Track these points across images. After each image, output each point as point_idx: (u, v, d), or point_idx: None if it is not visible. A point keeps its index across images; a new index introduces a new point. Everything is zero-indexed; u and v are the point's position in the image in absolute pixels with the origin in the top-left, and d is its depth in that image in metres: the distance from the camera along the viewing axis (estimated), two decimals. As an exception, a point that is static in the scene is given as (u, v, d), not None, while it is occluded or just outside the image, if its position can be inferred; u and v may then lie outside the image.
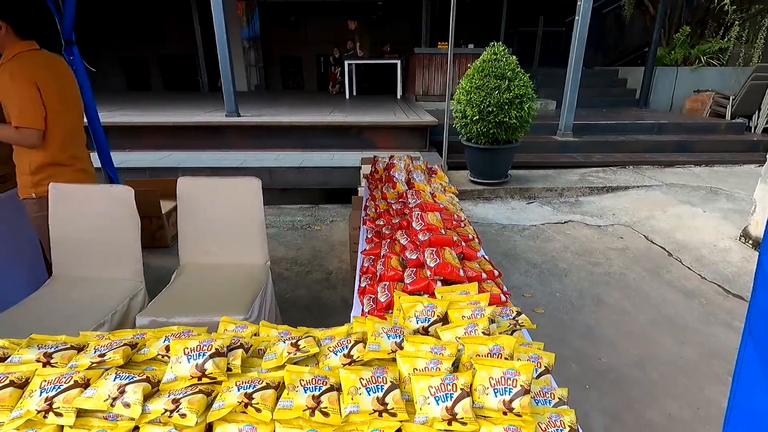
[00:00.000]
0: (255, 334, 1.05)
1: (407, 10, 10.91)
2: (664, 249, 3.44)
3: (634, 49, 9.88)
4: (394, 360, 0.92)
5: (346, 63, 8.65)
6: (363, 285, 1.32)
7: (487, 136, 4.38)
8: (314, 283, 3.00)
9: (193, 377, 0.83)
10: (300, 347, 0.93)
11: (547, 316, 2.59)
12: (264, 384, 0.83)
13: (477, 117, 4.26)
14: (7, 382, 0.79)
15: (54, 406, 0.76)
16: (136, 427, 0.77)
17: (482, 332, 0.95)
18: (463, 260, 1.30)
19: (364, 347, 0.92)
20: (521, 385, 0.80)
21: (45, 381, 0.79)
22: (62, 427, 0.76)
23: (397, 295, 1.11)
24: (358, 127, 5.40)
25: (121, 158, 4.67)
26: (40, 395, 0.77)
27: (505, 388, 0.80)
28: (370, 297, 1.24)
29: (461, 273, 1.18)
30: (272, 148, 5.28)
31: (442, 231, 1.38)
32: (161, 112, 6.20)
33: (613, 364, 2.17)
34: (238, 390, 0.81)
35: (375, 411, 0.78)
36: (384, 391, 0.80)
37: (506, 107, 4.19)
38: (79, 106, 2.15)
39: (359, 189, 3.55)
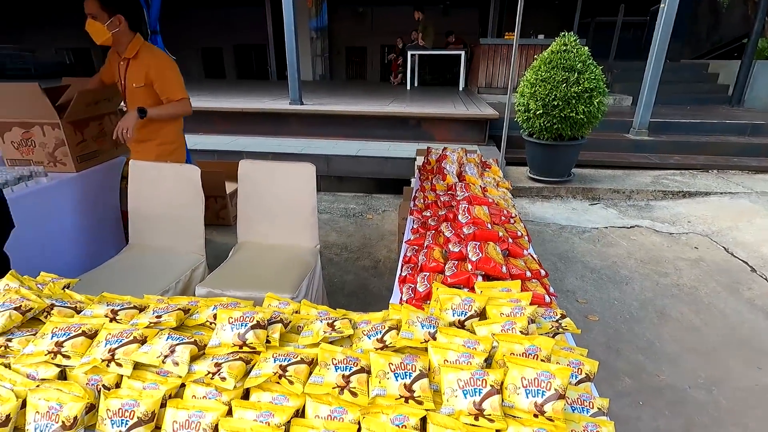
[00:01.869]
0: (296, 312, 1.10)
1: (475, -1, 10.60)
2: (747, 263, 3.09)
3: (730, 40, 8.85)
4: (425, 350, 0.92)
5: (409, 53, 8.60)
6: (404, 274, 1.33)
7: (550, 132, 4.17)
8: (362, 270, 3.06)
9: (234, 345, 0.88)
10: (336, 328, 0.96)
11: (601, 324, 2.44)
12: (299, 359, 0.86)
13: (541, 111, 4.07)
14: (80, 332, 0.90)
15: (116, 357, 0.84)
16: (183, 384, 0.84)
17: (520, 331, 0.92)
18: (508, 257, 1.26)
19: (398, 334, 0.93)
20: (555, 389, 0.77)
21: (110, 334, 0.89)
22: (121, 376, 0.85)
23: (436, 286, 1.10)
24: (416, 119, 5.37)
25: (193, 140, 5.03)
26: (105, 346, 0.86)
27: (537, 390, 0.77)
28: (410, 286, 1.25)
29: (504, 269, 1.14)
30: (331, 136, 5.41)
31: (489, 226, 1.34)
32: (232, 98, 6.58)
33: (674, 383, 2.01)
34: (275, 361, 0.85)
35: (401, 397, 0.79)
36: (412, 378, 0.81)
37: (573, 101, 3.95)
38: None
39: (412, 180, 3.55)
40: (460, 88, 8.56)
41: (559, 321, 1.05)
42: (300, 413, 0.81)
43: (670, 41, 4.92)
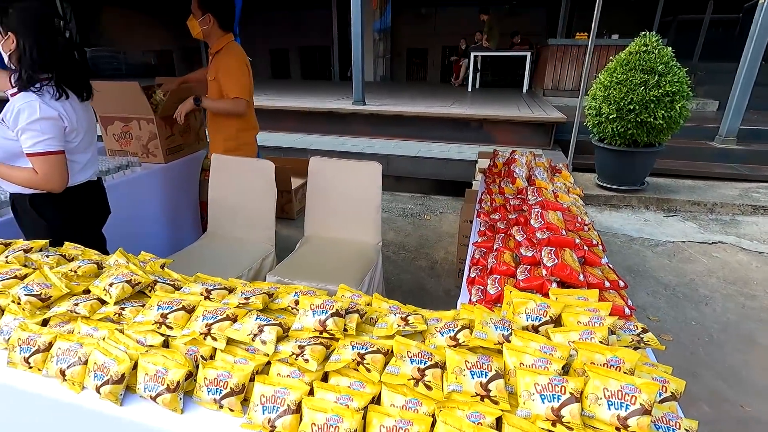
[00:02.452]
0: (368, 304, 1.14)
1: (545, -2, 10.23)
2: None
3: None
4: (498, 352, 0.92)
5: (472, 55, 8.49)
6: (472, 275, 1.33)
7: (623, 137, 3.93)
8: (419, 270, 3.08)
9: (315, 330, 0.94)
10: (409, 322, 0.98)
11: (676, 344, 2.28)
12: (375, 348, 0.90)
13: (614, 115, 3.85)
14: (180, 306, 0.99)
15: (211, 331, 0.93)
16: (268, 362, 0.91)
17: (599, 342, 0.89)
18: (584, 265, 1.21)
19: (471, 333, 0.94)
20: (641, 404, 0.74)
21: (206, 311, 0.97)
22: (215, 349, 0.93)
23: (508, 289, 1.09)
24: (478, 120, 5.30)
25: (261, 137, 5.31)
26: (202, 321, 0.95)
27: (621, 402, 0.75)
28: (479, 288, 1.25)
29: (581, 277, 1.11)
30: (392, 137, 5.48)
31: (563, 232, 1.31)
32: (297, 98, 6.86)
33: (761, 417, 1.83)
34: (353, 349, 0.89)
35: (477, 395, 0.79)
36: (488, 378, 0.81)
37: (652, 106, 3.70)
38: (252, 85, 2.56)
39: (474, 182, 3.52)
40: (524, 90, 8.31)
41: (641, 335, 1.00)
42: (376, 400, 0.84)
43: (769, 41, 4.46)
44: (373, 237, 2.24)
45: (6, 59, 1.48)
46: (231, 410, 0.86)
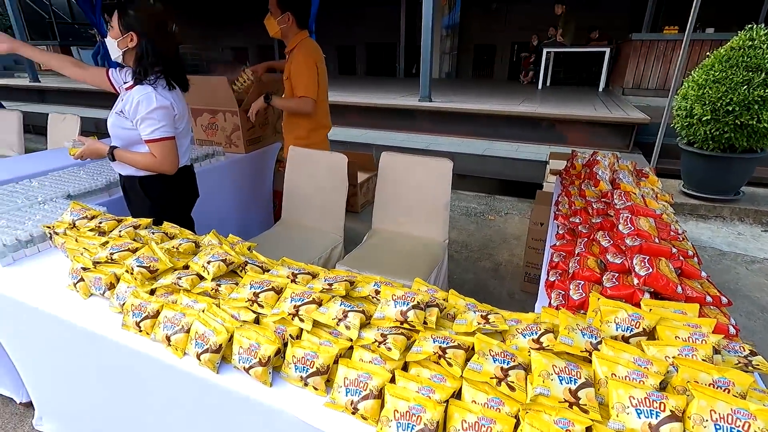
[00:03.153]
0: (444, 300, 1.14)
1: (627, -12, 9.51)
2: None
3: None
4: (585, 360, 0.88)
5: (544, 51, 8.12)
6: (552, 279, 1.28)
7: (718, 141, 3.57)
8: (482, 271, 3.02)
9: (396, 320, 0.96)
10: (489, 321, 0.97)
11: (774, 374, 2.04)
12: (456, 344, 0.90)
13: (708, 117, 3.51)
14: (270, 287, 1.06)
15: (299, 312, 0.98)
16: (350, 347, 0.94)
17: (702, 360, 0.83)
18: (681, 277, 1.13)
19: (555, 338, 0.91)
20: (756, 432, 0.67)
21: (294, 293, 1.03)
22: (301, 329, 0.98)
23: (595, 296, 1.04)
24: (550, 120, 5.07)
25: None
26: (291, 303, 1.00)
27: (731, 428, 0.69)
28: (560, 292, 1.20)
29: (678, 290, 1.03)
30: (457, 134, 5.40)
31: (656, 240, 1.22)
32: (363, 94, 6.98)
33: None
34: (434, 342, 0.90)
35: (566, 401, 0.77)
36: (578, 385, 0.78)
37: (756, 107, 3.32)
38: (326, 84, 2.59)
39: (544, 184, 3.37)
40: (601, 89, 7.81)
41: (748, 357, 0.91)
42: (456, 395, 0.84)
43: None
44: (440, 234, 2.23)
45: (118, 55, 1.64)
46: (315, 389, 0.91)
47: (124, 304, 1.12)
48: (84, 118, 3.60)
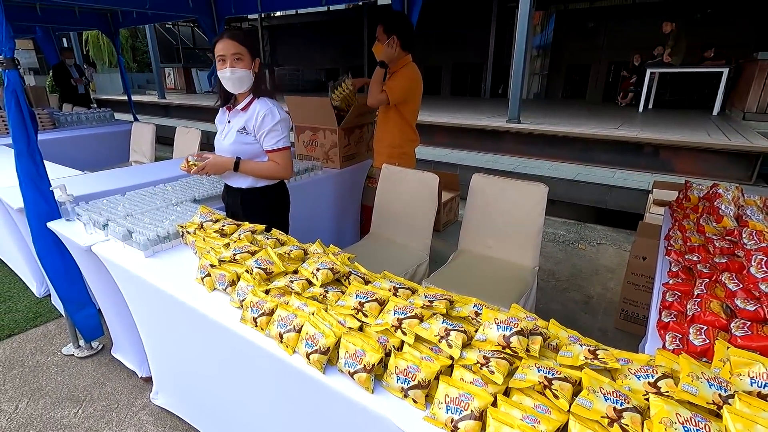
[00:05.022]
0: (545, 329, 1.11)
1: (753, 3, 8.51)
2: None
3: None
4: (712, 413, 0.80)
5: (648, 71, 7.53)
6: (665, 320, 1.18)
7: None
8: (570, 302, 2.85)
9: (499, 344, 0.96)
10: (598, 356, 0.93)
11: None
12: (562, 376, 0.88)
13: None
14: (374, 298, 1.12)
15: (402, 325, 1.02)
16: (450, 366, 0.96)
17: None
18: (833, 334, 0.98)
19: (675, 384, 0.84)
20: None
21: (397, 306, 1.08)
22: (402, 342, 1.02)
23: (723, 344, 0.95)
24: (654, 145, 4.67)
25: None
26: (394, 315, 1.05)
27: None
28: (676, 335, 1.11)
29: (832, 348, 0.90)
30: (546, 157, 5.20)
31: (799, 288, 1.08)
32: (449, 114, 7.03)
33: None
34: (539, 371, 0.88)
35: (692, 454, 0.71)
36: (706, 439, 0.72)
37: None
38: (420, 103, 2.71)
39: (647, 215, 3.12)
40: (715, 113, 7.02)
41: None
42: (562, 430, 0.82)
43: None
44: (530, 260, 2.16)
45: (251, 77, 1.82)
46: (415, 401, 0.94)
47: (243, 300, 1.26)
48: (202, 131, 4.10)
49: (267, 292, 1.28)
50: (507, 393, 0.91)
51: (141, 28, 13.89)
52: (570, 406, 0.83)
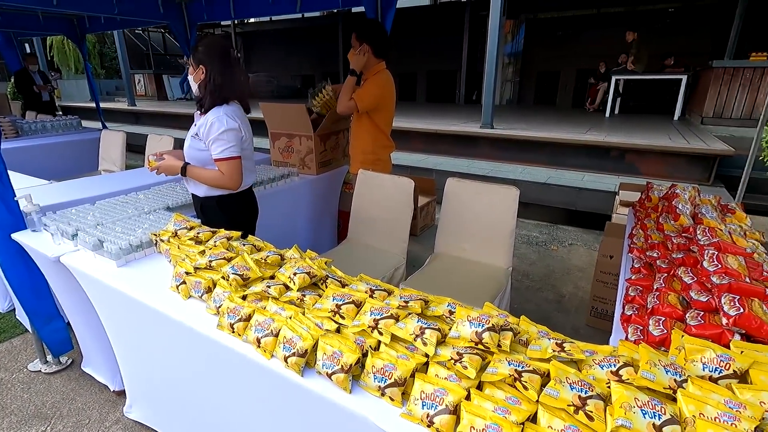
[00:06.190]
0: (516, 325, 1.15)
1: (708, 15, 9.02)
2: None
3: None
4: (668, 397, 0.86)
5: (613, 78, 7.85)
6: (629, 313, 1.25)
7: (817, 177, 3.25)
8: (544, 302, 2.94)
9: (472, 341, 0.99)
10: (565, 349, 0.98)
11: None
12: (531, 368, 0.92)
13: (805, 150, 3.21)
14: (351, 300, 1.14)
15: (378, 326, 1.05)
16: (426, 363, 0.99)
17: (805, 409, 0.78)
18: (776, 320, 1.06)
19: (635, 372, 0.90)
20: None
21: (373, 307, 1.10)
22: (379, 342, 1.04)
23: (678, 333, 1.01)
24: (620, 149, 4.88)
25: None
26: (371, 316, 1.08)
27: (839, 482, 0.65)
28: (637, 327, 1.17)
29: (774, 333, 0.98)
30: (519, 162, 5.34)
31: (746, 279, 1.16)
32: (424, 120, 7.13)
33: None
34: (509, 365, 0.92)
35: (649, 436, 0.76)
36: (662, 420, 0.77)
37: None
38: (393, 110, 2.73)
39: (614, 215, 3.25)
40: (675, 118, 7.38)
41: None
42: (531, 419, 0.86)
43: None
44: (504, 261, 2.22)
45: (195, 88, 1.85)
46: (392, 399, 0.96)
47: (220, 306, 1.26)
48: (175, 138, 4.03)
49: (244, 297, 1.28)
50: (480, 387, 0.95)
51: (109, 33, 13.54)
52: (539, 396, 0.87)
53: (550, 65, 12.06)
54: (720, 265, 1.20)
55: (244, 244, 1.54)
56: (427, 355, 0.99)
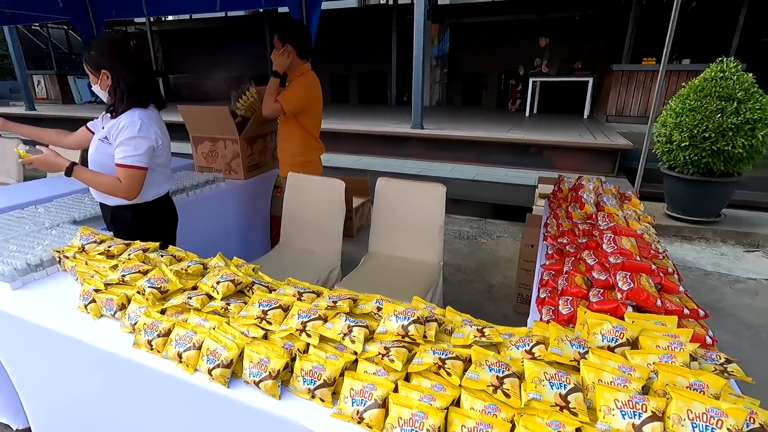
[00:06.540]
0: (442, 315, 1.20)
1: (608, 24, 10.01)
2: None
3: None
4: (574, 368, 0.95)
5: (530, 80, 8.45)
6: (542, 296, 1.36)
7: (697, 166, 3.75)
8: (476, 293, 3.08)
9: (398, 334, 1.02)
10: (485, 334, 1.04)
11: (759, 388, 2.10)
12: (454, 355, 0.96)
13: (687, 143, 3.69)
14: (278, 305, 1.12)
15: (306, 328, 1.04)
16: (355, 360, 1.00)
17: (680, 365, 0.90)
18: (661, 292, 1.21)
19: (546, 349, 0.98)
20: (728, 429, 0.74)
21: (300, 310, 1.09)
22: (308, 344, 1.04)
23: (582, 310, 1.12)
24: (537, 146, 5.26)
25: (324, 158, 5.61)
26: (298, 319, 1.06)
27: (706, 425, 0.76)
28: (550, 308, 1.27)
29: (658, 303, 1.11)
30: (449, 160, 5.56)
31: (637, 258, 1.31)
32: (356, 121, 7.17)
33: None
34: (434, 354, 0.96)
35: (556, 405, 0.83)
36: (567, 390, 0.85)
37: (730, 134, 3.51)
38: (321, 111, 2.70)
39: (533, 207, 3.49)
40: (585, 117, 8.11)
41: (724, 365, 0.99)
42: (455, 402, 0.90)
43: None
44: (435, 256, 2.30)
45: (104, 96, 1.70)
46: (322, 400, 0.96)
47: (135, 323, 1.17)
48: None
49: (163, 312, 1.20)
50: (408, 378, 0.97)
51: (-1, 29, 12.00)
52: (461, 381, 0.91)
53: (476, 68, 12.68)
54: (616, 247, 1.35)
55: (162, 255, 1.45)
56: (355, 353, 1.00)
